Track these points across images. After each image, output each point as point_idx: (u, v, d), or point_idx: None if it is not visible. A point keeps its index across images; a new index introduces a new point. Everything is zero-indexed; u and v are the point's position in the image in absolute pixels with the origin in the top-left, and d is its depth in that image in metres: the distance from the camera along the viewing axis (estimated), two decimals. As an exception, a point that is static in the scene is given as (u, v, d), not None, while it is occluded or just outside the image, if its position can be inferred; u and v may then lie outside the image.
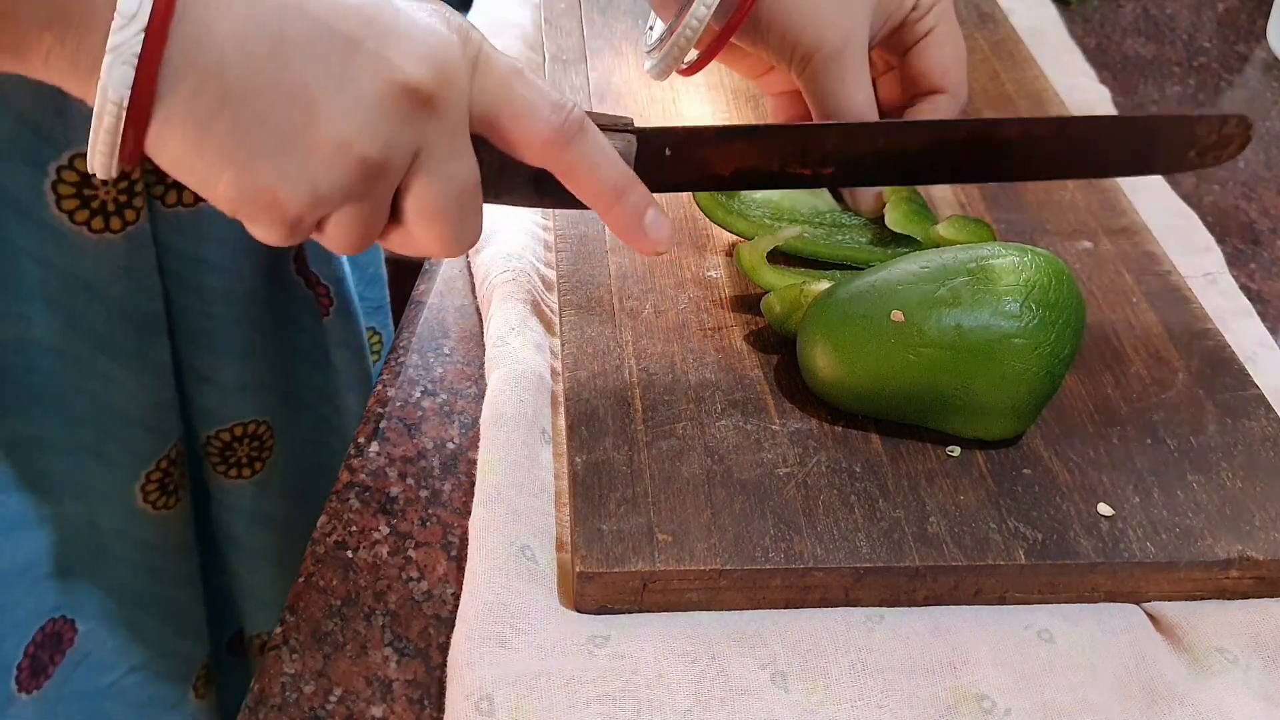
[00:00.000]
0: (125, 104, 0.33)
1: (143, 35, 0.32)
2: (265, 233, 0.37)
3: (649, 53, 0.55)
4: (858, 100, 0.53)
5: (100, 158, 0.34)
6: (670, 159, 0.46)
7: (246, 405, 0.63)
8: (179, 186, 0.55)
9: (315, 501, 0.71)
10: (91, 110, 0.34)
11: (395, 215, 0.39)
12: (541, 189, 0.43)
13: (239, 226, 0.58)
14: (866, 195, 0.56)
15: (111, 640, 0.63)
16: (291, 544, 0.68)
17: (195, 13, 0.33)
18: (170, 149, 0.35)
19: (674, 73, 0.55)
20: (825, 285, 0.48)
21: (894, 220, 0.53)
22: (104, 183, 0.51)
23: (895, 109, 0.57)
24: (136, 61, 0.33)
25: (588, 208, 0.43)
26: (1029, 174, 0.53)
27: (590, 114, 0.43)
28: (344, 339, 0.68)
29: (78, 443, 0.56)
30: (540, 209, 0.56)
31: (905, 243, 0.53)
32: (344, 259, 0.66)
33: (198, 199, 0.55)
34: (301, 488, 0.69)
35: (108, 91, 0.33)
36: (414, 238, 0.40)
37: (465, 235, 0.40)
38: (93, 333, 0.54)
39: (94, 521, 0.59)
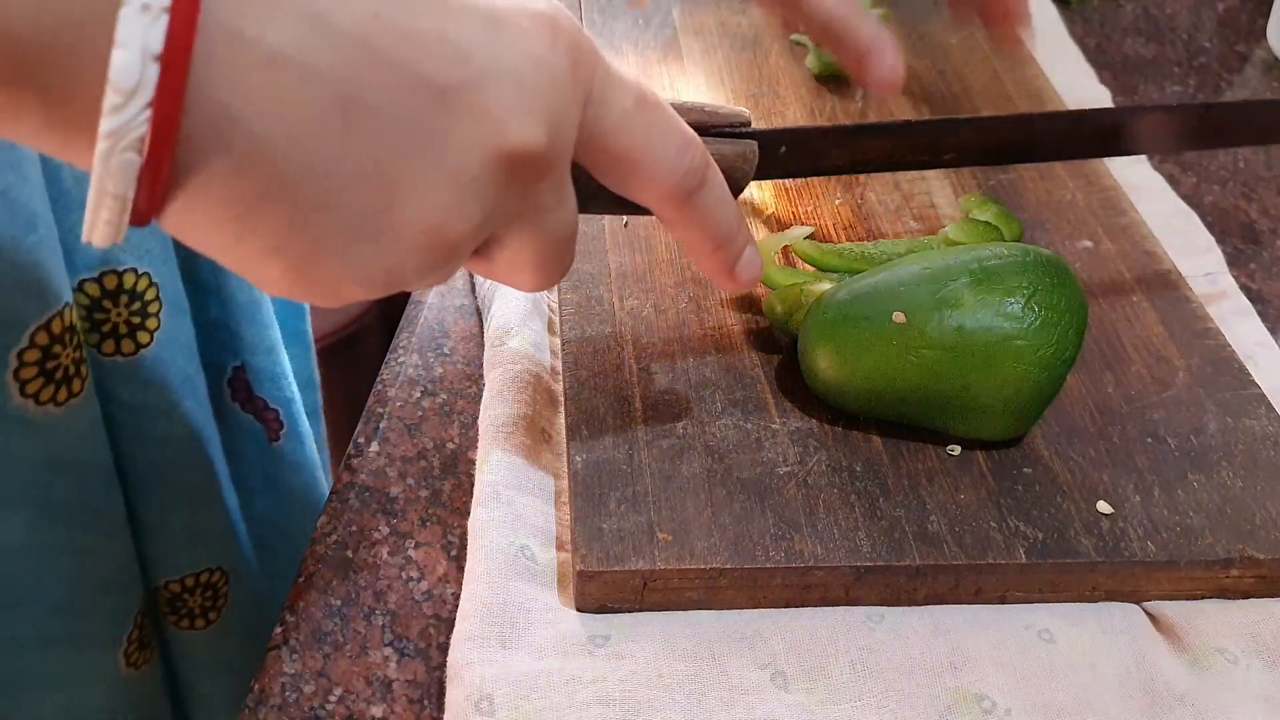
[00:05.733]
0: (131, 196, 0.25)
1: (149, 114, 0.24)
2: (317, 304, 0.31)
3: None
4: (823, 6, 0.48)
5: (99, 240, 0.26)
6: (785, 155, 0.45)
7: (200, 554, 0.58)
8: (118, 335, 0.49)
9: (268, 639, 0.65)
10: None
11: (482, 253, 0.34)
12: (627, 204, 0.39)
13: (179, 367, 0.53)
14: None
15: None
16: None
17: (226, 72, 0.25)
18: (196, 237, 0.27)
19: None
20: (827, 285, 0.48)
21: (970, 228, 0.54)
22: (63, 346, 0.45)
23: None
24: (144, 147, 0.24)
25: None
26: (1124, 150, 0.53)
27: (705, 110, 0.39)
28: (295, 460, 0.64)
29: (56, 634, 0.51)
30: None
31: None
32: (290, 378, 0.62)
33: (138, 346, 0.51)
34: (258, 626, 0.63)
35: (105, 185, 0.25)
36: (499, 277, 0.35)
37: (557, 274, 0.35)
38: (63, 510, 0.48)
39: (79, 704, 0.54)
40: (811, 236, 0.54)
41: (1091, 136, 0.51)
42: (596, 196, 0.37)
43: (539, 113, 0.29)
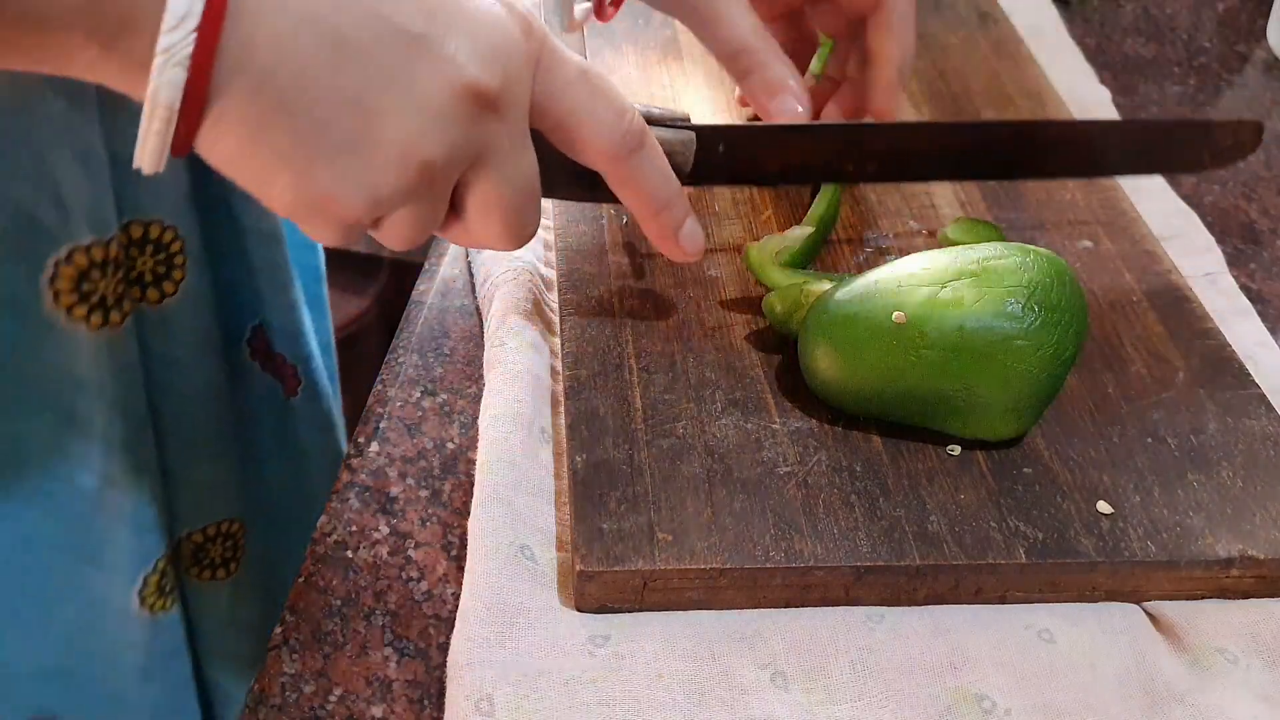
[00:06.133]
0: (177, 107, 0.32)
1: (194, 36, 0.31)
2: (320, 234, 0.36)
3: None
4: (736, 33, 0.53)
5: (149, 156, 0.33)
6: (724, 155, 0.48)
7: (218, 504, 0.61)
8: (144, 283, 0.53)
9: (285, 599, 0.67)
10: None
11: (455, 208, 0.39)
12: (591, 186, 0.44)
13: (202, 321, 0.57)
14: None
15: None
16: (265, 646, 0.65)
17: (249, 11, 0.32)
18: (222, 148, 0.34)
19: (587, 17, 0.57)
20: (827, 285, 0.48)
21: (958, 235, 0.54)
22: (102, 274, 0.49)
23: (837, 35, 0.58)
24: (189, 63, 0.31)
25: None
26: (1058, 173, 0.55)
27: (648, 108, 0.44)
28: (312, 417, 0.66)
29: (73, 546, 0.53)
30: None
31: None
32: (311, 336, 0.65)
33: (163, 296, 0.54)
34: (273, 586, 0.66)
35: (159, 95, 0.31)
36: (473, 232, 0.39)
37: (525, 229, 0.40)
38: (91, 432, 0.51)
39: (88, 625, 0.55)
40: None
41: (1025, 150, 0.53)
42: (563, 175, 0.42)
43: (493, 61, 0.35)
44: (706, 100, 0.64)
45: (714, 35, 0.54)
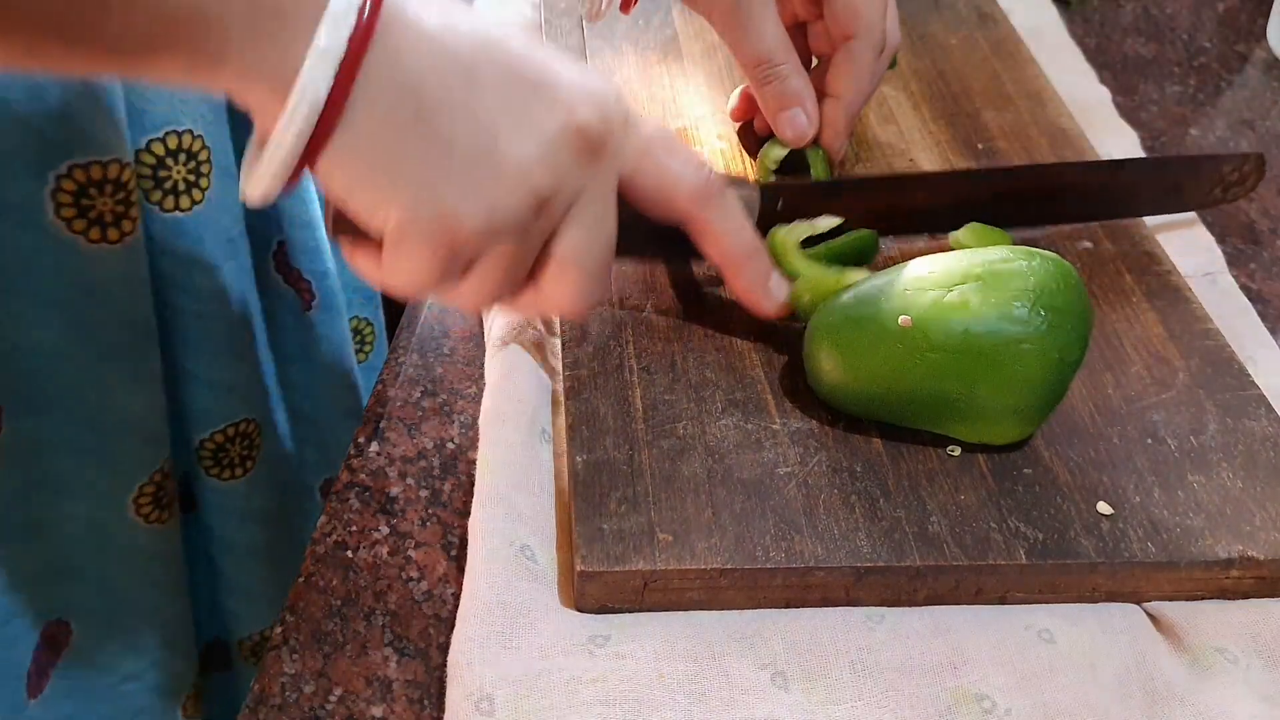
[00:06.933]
0: (322, 103, 0.33)
1: (348, 39, 0.33)
2: (416, 264, 0.37)
3: None
4: (764, 43, 0.55)
5: (274, 169, 0.34)
6: (782, 210, 0.51)
7: (237, 405, 0.64)
8: (176, 191, 0.56)
9: (299, 495, 0.71)
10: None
11: (532, 272, 0.41)
12: (662, 246, 0.45)
13: (229, 229, 0.59)
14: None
15: (107, 645, 0.63)
16: (281, 538, 0.69)
17: (397, 32, 0.34)
18: (349, 164, 0.35)
19: (603, 11, 0.58)
20: (861, 275, 0.47)
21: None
22: (100, 193, 0.51)
23: (824, 57, 0.59)
24: (339, 63, 0.33)
25: (705, 267, 0.46)
26: (1090, 215, 0.58)
27: None
28: (327, 334, 0.69)
29: (80, 444, 0.57)
30: None
31: None
32: (328, 253, 0.67)
33: (194, 203, 0.56)
34: (287, 482, 0.70)
35: (305, 91, 0.33)
36: (547, 295, 0.41)
37: (595, 292, 0.41)
38: (94, 340, 0.54)
39: (93, 522, 0.59)
40: (838, 228, 0.53)
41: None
42: (639, 235, 0.43)
43: (599, 112, 0.39)
44: (705, 101, 0.64)
45: (740, 41, 0.55)
